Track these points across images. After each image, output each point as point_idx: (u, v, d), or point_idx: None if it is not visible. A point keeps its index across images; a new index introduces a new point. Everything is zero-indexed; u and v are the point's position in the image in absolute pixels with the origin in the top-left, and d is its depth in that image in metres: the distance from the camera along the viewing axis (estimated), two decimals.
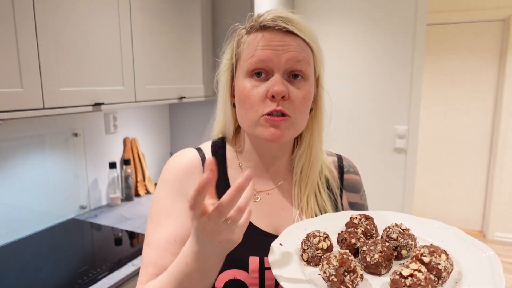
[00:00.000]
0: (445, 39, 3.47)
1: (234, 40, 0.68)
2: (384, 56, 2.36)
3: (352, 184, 0.77)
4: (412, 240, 0.57)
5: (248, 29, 0.66)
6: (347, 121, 2.53)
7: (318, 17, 2.51)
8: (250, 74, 0.63)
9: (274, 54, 0.61)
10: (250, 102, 0.62)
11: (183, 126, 2.33)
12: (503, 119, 3.30)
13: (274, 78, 0.61)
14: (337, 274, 0.47)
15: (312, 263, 0.55)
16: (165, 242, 0.64)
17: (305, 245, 0.55)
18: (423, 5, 2.22)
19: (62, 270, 1.22)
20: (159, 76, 1.71)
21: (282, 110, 0.61)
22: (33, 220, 1.52)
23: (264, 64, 0.61)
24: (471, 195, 3.59)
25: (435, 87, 3.56)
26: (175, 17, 1.78)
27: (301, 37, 0.62)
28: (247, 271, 0.63)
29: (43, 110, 1.16)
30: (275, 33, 0.62)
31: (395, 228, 0.58)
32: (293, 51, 0.61)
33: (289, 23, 0.62)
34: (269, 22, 0.62)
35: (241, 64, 0.65)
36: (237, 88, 0.65)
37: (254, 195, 0.70)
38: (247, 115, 0.63)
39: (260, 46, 0.61)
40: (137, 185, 2.03)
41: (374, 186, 2.50)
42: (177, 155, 0.73)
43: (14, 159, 1.43)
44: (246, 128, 0.66)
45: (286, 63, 0.61)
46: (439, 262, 0.48)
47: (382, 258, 0.51)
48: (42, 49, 1.14)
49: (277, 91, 0.60)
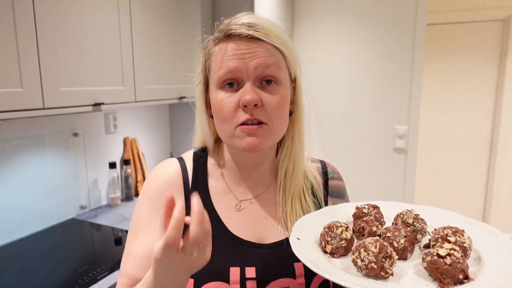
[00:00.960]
0: (445, 39, 3.47)
1: (202, 53, 0.68)
2: (384, 56, 2.36)
3: (337, 190, 0.77)
4: (425, 224, 0.59)
5: (214, 40, 0.65)
6: (347, 121, 2.53)
7: (318, 17, 2.51)
8: (221, 86, 0.62)
9: (241, 63, 0.59)
10: (224, 113, 0.61)
11: (183, 126, 2.33)
12: (503, 119, 3.30)
13: (244, 88, 0.60)
14: (377, 261, 0.47)
15: (336, 254, 0.54)
16: (140, 256, 0.64)
17: (328, 236, 0.55)
18: (423, 5, 2.22)
19: (62, 270, 1.22)
20: (159, 76, 1.71)
21: (257, 118, 0.60)
22: (33, 220, 1.52)
23: (233, 75, 0.60)
24: (471, 195, 3.59)
25: (435, 87, 3.56)
26: (175, 17, 1.78)
27: (268, 41, 0.60)
28: (228, 283, 0.62)
29: (43, 110, 1.16)
30: (241, 41, 0.60)
31: (409, 213, 0.59)
32: (261, 57, 0.60)
33: (253, 29, 0.60)
34: (233, 31, 0.60)
35: (212, 76, 0.64)
36: (211, 100, 0.64)
37: (236, 205, 0.69)
38: (223, 127, 0.63)
39: (227, 56, 0.60)
40: (137, 185, 2.03)
41: (374, 186, 2.50)
42: (158, 167, 0.73)
43: (14, 159, 1.43)
44: (224, 139, 0.65)
45: (255, 70, 0.60)
46: (464, 240, 0.50)
47: (408, 242, 0.53)
48: (42, 49, 1.14)
49: (248, 100, 0.58)
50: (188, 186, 0.69)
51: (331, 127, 2.58)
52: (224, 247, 0.64)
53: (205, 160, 0.73)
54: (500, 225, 3.45)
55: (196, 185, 0.70)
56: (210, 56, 0.65)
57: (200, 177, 0.70)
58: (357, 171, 2.53)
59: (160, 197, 0.68)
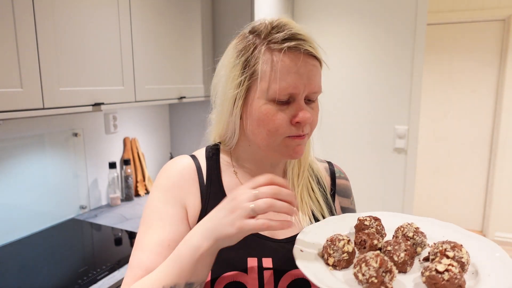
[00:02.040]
0: (445, 39, 3.47)
1: (248, 54, 0.63)
2: (384, 56, 2.36)
3: (344, 189, 0.80)
4: (425, 238, 0.59)
5: (266, 43, 0.62)
6: (347, 121, 2.53)
7: (318, 17, 2.51)
8: (274, 100, 0.62)
9: (301, 84, 0.61)
10: (274, 125, 0.62)
11: (183, 126, 2.33)
12: (503, 119, 3.30)
13: (300, 106, 0.62)
14: (377, 275, 0.48)
15: (338, 267, 0.56)
16: (157, 245, 0.63)
17: (331, 249, 0.56)
18: (423, 5, 2.22)
19: (62, 270, 1.22)
20: (159, 76, 1.71)
21: (306, 133, 0.65)
22: (33, 220, 1.52)
23: (290, 95, 0.61)
24: (471, 195, 3.59)
25: (435, 87, 3.56)
26: (175, 17, 1.78)
27: (319, 58, 0.64)
28: (246, 272, 0.64)
29: (43, 110, 1.16)
30: (298, 56, 0.61)
31: (409, 227, 0.60)
32: (316, 77, 0.63)
33: (309, 44, 0.61)
34: (294, 46, 0.60)
35: (263, 86, 0.62)
36: (258, 109, 0.63)
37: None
38: (269, 136, 0.64)
39: (290, 73, 0.60)
40: (137, 185, 2.03)
41: (374, 186, 2.50)
42: (173, 161, 0.73)
43: (14, 159, 1.43)
44: (264, 146, 0.66)
45: (310, 91, 0.62)
46: (462, 255, 0.51)
47: (408, 256, 0.54)
48: (42, 49, 1.14)
49: (304, 118, 0.61)
50: (203, 181, 0.70)
51: (331, 127, 2.58)
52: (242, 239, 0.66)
53: (217, 157, 0.74)
54: (500, 225, 3.45)
55: (210, 180, 0.71)
56: (258, 59, 0.62)
57: (214, 173, 0.71)
58: (357, 171, 2.53)
59: (176, 189, 0.68)
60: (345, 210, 0.79)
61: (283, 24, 0.62)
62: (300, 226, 0.69)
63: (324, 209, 0.73)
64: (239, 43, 0.65)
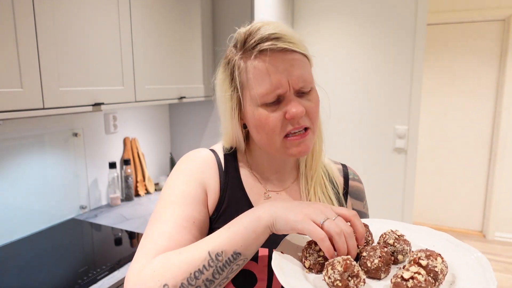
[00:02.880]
0: (445, 39, 3.47)
1: (228, 67, 0.66)
2: (384, 56, 2.36)
3: (357, 191, 0.80)
4: (407, 245, 0.59)
5: (240, 55, 0.64)
6: (347, 121, 2.53)
7: (318, 17, 2.51)
8: (263, 103, 0.63)
9: (283, 80, 0.61)
10: (270, 128, 0.63)
11: (183, 126, 2.33)
12: (503, 119, 3.30)
13: (290, 101, 0.62)
14: (342, 279, 0.49)
15: (314, 269, 0.56)
16: (182, 219, 0.61)
17: (307, 252, 0.57)
18: (423, 5, 2.22)
19: (62, 270, 1.22)
20: (159, 76, 1.71)
21: (304, 125, 0.64)
22: (33, 220, 1.52)
23: (276, 94, 0.62)
24: (471, 195, 3.59)
25: (435, 87, 3.56)
26: (175, 17, 1.78)
27: (299, 51, 0.63)
28: (257, 262, 0.65)
29: (43, 110, 1.16)
30: (277, 56, 0.61)
31: (391, 234, 0.61)
32: (298, 71, 0.62)
33: (282, 40, 0.61)
34: (264, 47, 0.61)
35: (250, 93, 0.64)
36: (251, 116, 0.65)
37: (264, 193, 0.73)
38: (268, 139, 0.65)
39: (270, 74, 0.61)
40: (137, 185, 2.03)
41: (374, 186, 2.50)
42: (193, 151, 0.75)
43: (14, 159, 1.43)
44: (270, 149, 0.67)
45: (296, 84, 0.62)
46: (436, 265, 0.51)
47: (382, 263, 0.54)
48: (42, 49, 1.14)
49: (296, 113, 0.61)
50: (222, 172, 0.72)
51: (331, 127, 2.58)
52: None
53: (235, 155, 0.75)
54: (500, 225, 3.45)
55: (227, 172, 0.72)
56: (240, 72, 0.64)
57: (232, 167, 0.73)
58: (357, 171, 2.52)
59: (200, 173, 0.69)
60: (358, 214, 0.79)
61: (256, 28, 0.63)
62: None
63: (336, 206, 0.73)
64: (226, 57, 0.69)
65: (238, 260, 0.55)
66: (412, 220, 2.50)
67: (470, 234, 3.59)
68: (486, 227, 3.51)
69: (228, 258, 0.53)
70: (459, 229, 3.66)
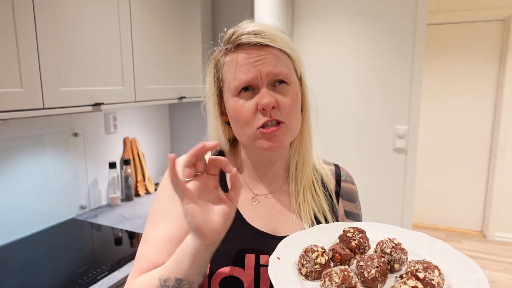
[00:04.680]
0: (445, 39, 3.47)
1: (212, 65, 0.71)
2: (384, 56, 2.36)
3: (349, 193, 0.80)
4: (404, 254, 0.59)
5: (223, 51, 0.68)
6: (347, 121, 2.53)
7: (318, 17, 2.51)
8: (237, 93, 0.65)
9: (255, 70, 0.63)
10: (243, 118, 0.65)
11: (183, 126, 2.33)
12: (503, 119, 3.30)
13: (261, 92, 0.64)
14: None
15: (310, 277, 0.56)
16: (161, 240, 0.66)
17: (304, 259, 0.57)
18: (423, 5, 2.22)
19: (62, 270, 1.22)
20: (159, 76, 1.71)
21: (275, 118, 0.64)
22: (33, 220, 1.52)
23: (248, 82, 0.64)
24: (471, 195, 3.59)
25: (435, 87, 3.56)
26: (175, 17, 1.78)
27: (276, 46, 0.64)
28: (243, 268, 0.65)
29: (43, 110, 1.16)
30: (251, 49, 0.64)
31: (389, 242, 0.60)
32: (270, 64, 0.63)
33: (261, 36, 0.64)
34: (242, 40, 0.64)
35: (227, 86, 0.67)
36: (229, 107, 0.68)
37: (252, 198, 0.73)
38: (244, 131, 0.66)
39: (240, 66, 0.64)
40: (137, 185, 2.03)
41: (374, 186, 2.50)
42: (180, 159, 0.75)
43: (14, 159, 1.43)
44: (245, 142, 0.68)
45: (267, 76, 0.64)
46: (433, 278, 0.51)
47: (379, 273, 0.54)
48: (42, 49, 1.14)
49: (266, 103, 0.62)
50: None
51: (331, 127, 2.58)
52: (240, 235, 0.68)
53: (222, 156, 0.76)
54: (500, 225, 3.45)
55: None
56: (221, 67, 0.68)
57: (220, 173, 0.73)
58: (357, 171, 2.53)
59: None
60: (350, 215, 0.79)
61: (239, 27, 0.67)
62: (302, 226, 0.70)
63: (327, 212, 0.73)
64: (213, 57, 0.72)
65: (183, 285, 0.57)
66: (412, 220, 2.50)
67: (470, 234, 3.59)
68: (486, 227, 3.51)
69: (173, 284, 0.57)
70: (459, 229, 3.66)
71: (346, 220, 0.78)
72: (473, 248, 3.31)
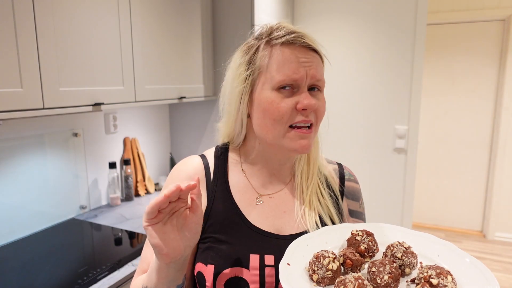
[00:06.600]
0: (445, 39, 3.47)
1: (251, 52, 0.68)
2: (384, 56, 2.36)
3: (353, 191, 0.80)
4: (414, 258, 0.59)
5: (268, 42, 0.67)
6: (347, 121, 2.53)
7: (318, 18, 2.51)
8: (278, 88, 0.65)
9: (303, 71, 0.64)
10: (278, 113, 0.64)
11: (183, 126, 2.33)
12: (503, 119, 3.30)
13: (304, 93, 0.65)
14: None
15: (322, 283, 0.56)
16: None
17: (315, 266, 0.56)
18: (423, 5, 2.22)
19: (62, 270, 1.22)
20: (159, 76, 1.71)
21: (311, 120, 0.66)
22: (33, 220, 1.52)
23: (293, 81, 0.64)
24: (471, 195, 3.59)
25: (435, 87, 3.56)
26: (175, 17, 1.78)
27: (319, 53, 0.68)
28: (248, 269, 0.65)
29: (43, 110, 1.16)
30: (300, 50, 0.65)
31: (399, 247, 0.60)
32: (316, 68, 0.66)
33: (308, 38, 0.66)
34: (293, 38, 0.65)
35: (267, 77, 0.66)
36: (263, 99, 0.66)
37: (256, 198, 0.73)
38: (274, 126, 0.66)
39: (290, 62, 0.64)
40: (137, 185, 2.03)
41: (374, 186, 2.50)
42: (182, 163, 0.76)
43: (14, 159, 1.43)
44: (270, 138, 0.67)
45: (311, 79, 0.65)
46: (446, 284, 0.50)
47: (391, 279, 0.53)
48: (42, 49, 1.14)
49: (310, 104, 0.64)
50: (210, 180, 0.73)
51: (331, 127, 2.58)
52: (244, 235, 0.68)
53: (225, 156, 0.76)
54: (500, 225, 3.45)
55: (217, 179, 0.73)
56: (262, 57, 0.67)
57: (221, 172, 0.74)
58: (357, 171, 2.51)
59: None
60: (354, 213, 0.79)
61: (282, 26, 0.68)
62: (307, 226, 0.70)
63: (334, 214, 0.73)
64: (243, 47, 0.71)
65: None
66: (412, 220, 2.50)
67: (470, 234, 3.59)
68: (486, 227, 3.51)
69: None
70: (459, 229, 3.66)
71: (350, 219, 0.78)
72: (473, 248, 3.31)
